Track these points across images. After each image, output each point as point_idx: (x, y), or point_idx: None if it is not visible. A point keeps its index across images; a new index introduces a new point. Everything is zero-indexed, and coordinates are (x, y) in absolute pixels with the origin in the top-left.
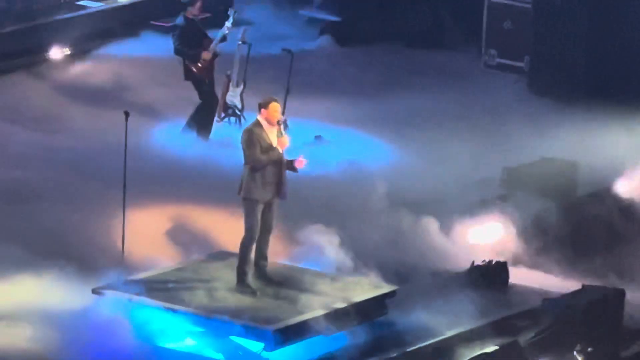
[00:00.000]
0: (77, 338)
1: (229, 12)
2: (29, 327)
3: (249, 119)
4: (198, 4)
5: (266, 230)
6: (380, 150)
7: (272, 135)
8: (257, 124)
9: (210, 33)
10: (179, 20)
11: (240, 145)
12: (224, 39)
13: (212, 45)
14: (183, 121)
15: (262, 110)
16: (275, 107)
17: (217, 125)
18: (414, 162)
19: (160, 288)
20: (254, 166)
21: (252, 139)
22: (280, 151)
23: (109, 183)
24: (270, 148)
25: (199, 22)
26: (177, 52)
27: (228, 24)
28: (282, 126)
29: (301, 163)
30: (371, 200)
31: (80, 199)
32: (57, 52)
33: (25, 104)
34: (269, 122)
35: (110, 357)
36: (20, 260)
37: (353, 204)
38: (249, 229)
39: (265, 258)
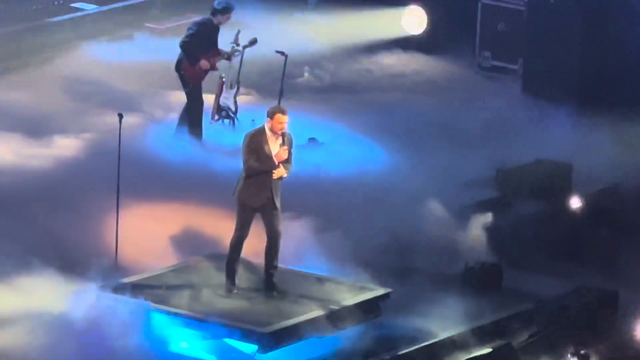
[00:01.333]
0: (70, 340)
1: (251, 40)
2: (23, 329)
3: (242, 121)
4: (228, 15)
5: (271, 237)
6: (374, 152)
7: (274, 144)
8: (262, 130)
9: None
10: (205, 19)
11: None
12: (229, 57)
13: (216, 59)
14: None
15: (268, 119)
16: (280, 118)
17: (210, 127)
18: (408, 163)
19: (153, 290)
20: (246, 172)
21: (250, 145)
22: (276, 162)
23: (102, 185)
24: (266, 157)
25: (218, 30)
26: (182, 46)
27: (241, 46)
28: (285, 139)
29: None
30: (365, 202)
31: (73, 201)
32: (52, 55)
33: (19, 105)
34: (272, 132)
35: (103, 359)
36: (15, 263)
37: (347, 206)
38: (236, 230)
39: (273, 267)
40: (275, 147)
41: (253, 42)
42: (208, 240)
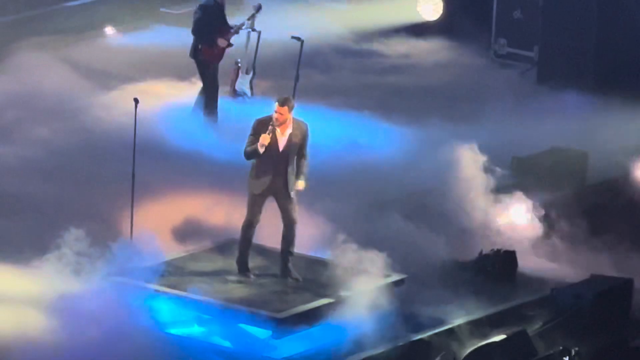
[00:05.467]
0: (85, 325)
1: (254, 6)
2: (37, 313)
3: (257, 104)
4: None
5: (286, 224)
6: (387, 137)
7: (280, 133)
8: (271, 117)
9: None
10: (207, 0)
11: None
12: (237, 31)
13: (229, 34)
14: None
15: None
16: (275, 107)
17: (226, 112)
18: (423, 150)
19: (168, 275)
20: (244, 155)
21: (254, 129)
22: (261, 150)
23: (117, 169)
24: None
25: (224, 7)
26: (195, 31)
27: (248, 21)
28: (295, 130)
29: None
30: (380, 188)
31: (89, 185)
32: (66, 39)
33: (36, 89)
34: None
35: (119, 343)
36: (28, 245)
37: (361, 192)
38: (247, 214)
39: (289, 253)
40: (282, 136)
41: (258, 8)
42: (223, 226)
